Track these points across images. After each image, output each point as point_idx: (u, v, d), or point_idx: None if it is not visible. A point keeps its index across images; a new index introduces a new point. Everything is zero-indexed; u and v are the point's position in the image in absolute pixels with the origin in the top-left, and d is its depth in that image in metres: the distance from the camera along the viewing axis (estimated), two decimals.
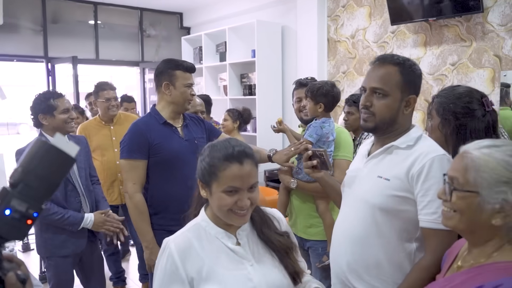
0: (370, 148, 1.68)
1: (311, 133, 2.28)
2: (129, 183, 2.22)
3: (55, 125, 2.48)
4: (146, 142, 2.21)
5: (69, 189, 2.53)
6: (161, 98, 2.33)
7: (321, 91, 2.28)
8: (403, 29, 4.00)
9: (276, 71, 5.21)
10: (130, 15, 6.49)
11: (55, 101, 2.48)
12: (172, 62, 2.30)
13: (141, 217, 2.23)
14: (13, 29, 5.48)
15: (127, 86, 11.44)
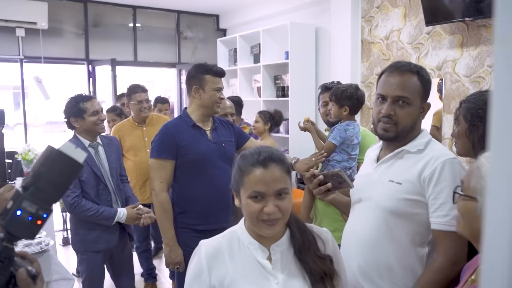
0: (379, 153, 1.69)
1: (334, 135, 2.28)
2: (156, 182, 2.32)
3: (85, 127, 2.61)
4: (175, 143, 2.30)
5: (100, 188, 2.65)
6: (191, 101, 2.42)
7: (345, 94, 2.28)
8: (439, 29, 3.89)
9: (310, 73, 5.19)
10: (168, 18, 6.64)
11: (84, 104, 2.60)
12: (202, 67, 2.39)
13: (165, 214, 2.32)
14: (57, 33, 5.73)
15: (166, 86, 11.70)
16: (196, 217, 2.35)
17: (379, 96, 1.59)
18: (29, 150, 4.42)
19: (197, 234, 2.35)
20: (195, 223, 2.37)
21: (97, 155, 2.71)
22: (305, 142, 5.16)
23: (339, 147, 2.31)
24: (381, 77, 1.62)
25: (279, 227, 1.26)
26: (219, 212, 2.41)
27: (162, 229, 2.34)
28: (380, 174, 1.60)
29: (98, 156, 2.71)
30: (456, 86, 3.80)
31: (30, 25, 5.31)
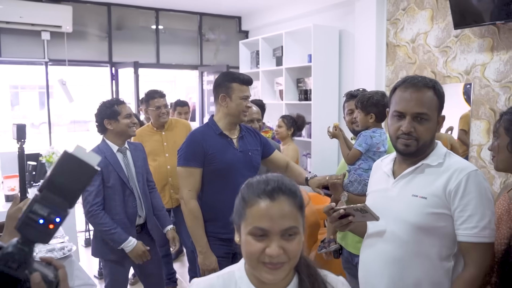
0: (393, 167, 1.67)
1: (360, 142, 2.23)
2: (185, 190, 2.32)
3: (119, 129, 2.67)
4: (202, 151, 2.29)
5: (126, 194, 2.67)
6: (218, 109, 2.41)
7: (371, 101, 2.23)
8: (468, 33, 3.77)
9: (333, 76, 5.12)
10: (190, 20, 6.64)
11: (118, 107, 2.66)
12: (230, 75, 2.38)
13: (196, 222, 2.31)
14: (81, 36, 5.79)
15: (188, 87, 11.76)
16: (221, 226, 2.34)
17: (396, 112, 1.57)
18: (53, 153, 4.48)
19: (222, 242, 2.37)
20: (220, 231, 2.35)
21: (125, 160, 2.73)
22: (328, 146, 5.10)
23: (365, 155, 2.25)
24: (396, 93, 1.60)
25: (284, 272, 1.06)
26: None
27: (194, 237, 2.33)
28: (400, 189, 1.59)
29: (127, 161, 2.74)
30: (486, 91, 3.67)
31: (55, 28, 5.39)
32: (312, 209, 3.17)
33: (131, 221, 2.71)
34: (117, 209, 2.64)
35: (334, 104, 5.16)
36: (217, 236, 2.36)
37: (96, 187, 2.58)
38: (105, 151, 2.64)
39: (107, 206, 2.63)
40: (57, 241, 2.81)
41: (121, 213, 2.65)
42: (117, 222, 2.62)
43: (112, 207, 2.64)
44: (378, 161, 1.82)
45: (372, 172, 1.83)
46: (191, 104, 7.94)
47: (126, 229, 2.65)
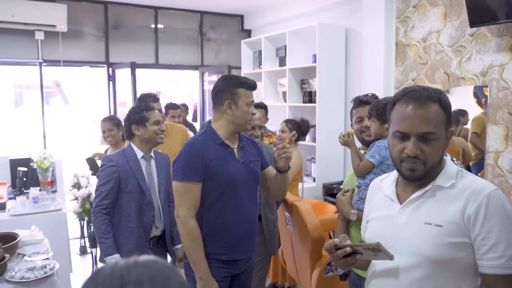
0: (397, 190, 1.43)
1: (373, 153, 1.98)
2: (182, 208, 2.06)
3: (146, 136, 2.63)
4: (203, 163, 2.04)
5: (144, 203, 2.60)
6: (219, 116, 2.15)
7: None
8: (485, 31, 3.52)
9: (339, 77, 4.87)
10: (191, 19, 6.43)
11: (147, 113, 2.63)
12: (235, 79, 2.14)
13: (195, 245, 2.06)
14: (77, 36, 5.60)
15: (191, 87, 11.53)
16: (221, 246, 2.12)
17: (399, 133, 1.32)
18: (45, 158, 4.26)
19: (222, 264, 2.15)
20: (219, 252, 2.13)
21: (148, 168, 2.67)
22: (334, 151, 4.86)
23: (377, 168, 2.01)
24: (395, 108, 1.35)
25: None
26: (245, 240, 2.18)
27: (193, 261, 2.08)
28: (410, 216, 1.35)
29: (150, 169, 2.67)
30: (504, 94, 3.42)
31: (49, 28, 5.19)
32: (315, 222, 2.93)
33: (145, 231, 2.61)
34: (131, 216, 2.57)
35: (340, 107, 4.92)
36: (217, 258, 2.13)
37: (109, 189, 2.54)
38: (128, 155, 2.62)
39: (122, 211, 2.58)
40: (40, 258, 2.60)
41: (135, 221, 2.57)
42: (129, 230, 2.56)
43: (127, 214, 2.57)
44: (376, 180, 1.56)
45: (370, 194, 1.56)
46: (193, 104, 7.74)
47: (138, 238, 2.57)
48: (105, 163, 2.60)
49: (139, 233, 2.58)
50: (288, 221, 3.28)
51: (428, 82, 4.01)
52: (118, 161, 2.57)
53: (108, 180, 2.54)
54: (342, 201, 2.16)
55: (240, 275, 2.26)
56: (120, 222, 2.57)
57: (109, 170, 2.55)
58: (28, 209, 3.58)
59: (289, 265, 3.50)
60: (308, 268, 2.99)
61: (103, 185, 2.54)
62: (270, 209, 2.89)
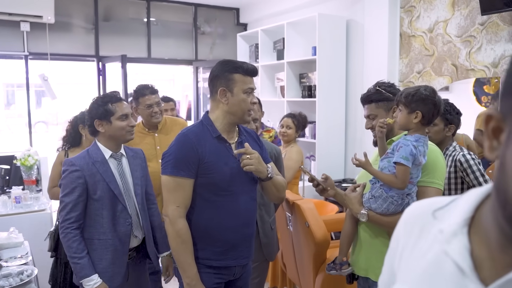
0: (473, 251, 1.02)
1: (404, 154, 1.71)
2: (171, 206, 1.86)
3: (111, 133, 2.24)
4: (196, 157, 1.84)
5: (118, 209, 2.22)
6: (215, 106, 1.95)
7: (419, 95, 1.75)
8: (496, 19, 3.32)
9: (340, 71, 4.66)
10: (184, 12, 6.20)
11: (113, 106, 2.24)
12: (230, 64, 1.91)
13: (184, 247, 1.86)
14: (65, 28, 5.36)
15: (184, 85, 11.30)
16: (213, 251, 1.91)
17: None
18: (29, 155, 4.01)
19: (213, 270, 1.94)
20: (211, 257, 1.92)
21: (119, 168, 2.29)
22: (334, 148, 4.66)
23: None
24: None
25: None
26: (241, 245, 1.96)
27: (181, 266, 1.87)
28: None
29: (122, 169, 2.30)
30: None
31: (35, 19, 4.94)
32: (319, 222, 2.71)
33: (123, 242, 2.24)
34: (104, 227, 2.18)
35: (341, 102, 4.71)
36: (208, 263, 1.92)
37: (75, 198, 2.13)
38: (94, 156, 2.22)
39: (92, 222, 2.18)
40: (17, 263, 2.37)
41: (109, 233, 2.19)
42: (103, 243, 2.18)
43: (99, 225, 2.18)
44: (424, 206, 0.74)
45: (404, 231, 0.76)
46: (187, 102, 7.52)
47: (114, 252, 2.20)
48: (67, 168, 2.18)
49: (115, 246, 2.23)
50: (289, 222, 3.06)
51: (435, 74, 3.81)
52: (82, 164, 2.17)
53: (73, 189, 2.14)
54: (351, 198, 1.95)
55: (235, 281, 2.05)
56: (91, 235, 2.19)
57: (72, 176, 2.15)
58: (10, 209, 3.37)
59: (289, 269, 3.28)
60: (312, 272, 2.77)
61: (68, 195, 2.14)
62: (267, 210, 2.64)
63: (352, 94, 4.67)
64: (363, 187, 1.95)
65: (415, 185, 1.79)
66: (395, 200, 1.78)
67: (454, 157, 2.45)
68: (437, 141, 2.56)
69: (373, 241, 1.94)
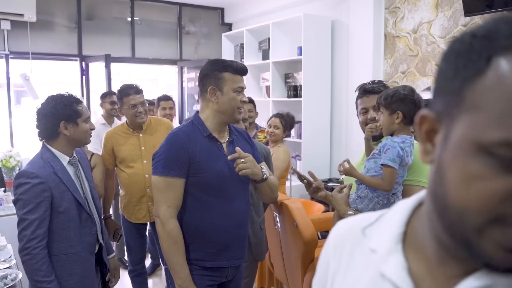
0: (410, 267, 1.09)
1: (391, 156, 1.71)
2: (162, 206, 1.84)
3: (76, 136, 2.09)
4: (187, 157, 1.83)
5: (83, 219, 2.08)
6: (205, 105, 1.94)
7: (398, 96, 1.76)
8: (479, 21, 3.38)
9: (325, 71, 4.68)
10: (169, 11, 6.17)
11: (79, 107, 2.10)
12: (220, 63, 1.91)
13: (175, 248, 1.84)
14: (47, 27, 5.28)
15: (168, 85, 11.22)
16: (206, 251, 1.90)
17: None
18: (11, 156, 3.94)
19: (206, 272, 1.93)
20: (203, 258, 1.91)
21: (79, 174, 2.14)
22: (320, 148, 4.68)
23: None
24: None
25: None
26: (234, 246, 1.95)
27: (173, 267, 1.85)
28: None
29: (81, 175, 2.15)
30: None
31: (16, 17, 4.83)
32: (307, 221, 2.72)
33: (91, 252, 2.14)
34: (72, 241, 2.03)
35: (326, 101, 4.73)
36: (200, 264, 1.91)
37: (41, 214, 1.92)
38: (53, 164, 2.02)
39: (57, 237, 2.00)
40: (1, 267, 2.32)
41: (77, 245, 2.05)
42: (71, 257, 2.04)
43: (65, 239, 2.02)
44: (349, 223, 0.70)
45: (333, 253, 0.69)
46: None
47: (84, 264, 2.08)
48: (28, 181, 1.93)
49: (85, 258, 2.10)
50: (277, 221, 3.06)
51: (419, 75, 3.86)
52: (45, 175, 1.95)
53: (38, 204, 1.91)
54: (338, 199, 1.93)
55: (228, 283, 2.04)
56: (57, 251, 2.00)
57: (36, 190, 1.91)
58: None
59: (277, 269, 3.28)
60: (300, 272, 2.78)
61: (33, 212, 1.90)
62: (256, 210, 2.64)
63: (337, 94, 4.70)
64: (350, 188, 1.94)
65: (400, 185, 1.79)
66: (381, 200, 1.78)
67: None
68: None
69: None
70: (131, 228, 3.10)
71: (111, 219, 3.02)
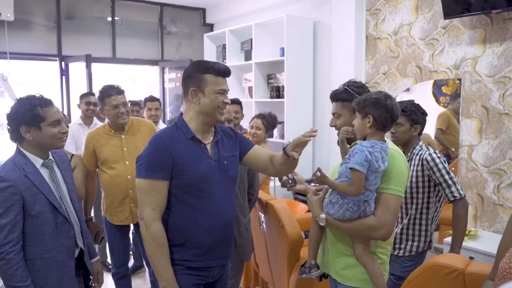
0: None
1: (358, 160, 1.68)
2: (146, 209, 1.83)
3: (40, 140, 2.01)
4: (170, 159, 1.83)
5: (59, 222, 2.03)
6: (188, 107, 1.93)
7: (370, 100, 1.74)
8: (457, 23, 3.46)
9: (307, 72, 4.72)
10: (150, 11, 6.12)
11: (44, 110, 1.98)
12: (202, 64, 1.90)
13: (160, 250, 1.83)
14: (25, 26, 5.18)
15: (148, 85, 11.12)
16: (193, 253, 1.89)
17: None
18: None
19: (192, 271, 1.92)
20: (190, 258, 1.90)
21: (54, 177, 2.08)
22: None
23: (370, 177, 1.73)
24: None
25: None
26: (221, 245, 1.96)
27: (157, 269, 1.85)
28: None
29: (56, 178, 2.09)
30: (477, 87, 3.37)
31: None
32: (292, 221, 2.75)
33: (69, 256, 2.08)
34: (46, 245, 1.98)
35: (309, 102, 4.77)
36: (187, 265, 1.91)
37: (13, 218, 1.88)
38: (24, 167, 1.96)
39: (31, 241, 1.96)
40: None
41: (53, 249, 2.01)
42: (46, 262, 1.99)
43: (40, 243, 1.97)
44: None
45: None
46: None
47: (61, 269, 2.03)
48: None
49: (62, 262, 2.05)
50: (262, 222, 3.08)
51: (400, 76, 3.93)
52: (14, 178, 1.90)
53: (8, 208, 1.88)
54: (312, 202, 1.94)
55: (214, 283, 2.04)
56: (32, 255, 1.96)
57: (5, 194, 1.88)
58: None
59: (262, 269, 3.30)
60: (285, 271, 2.80)
61: (3, 216, 1.87)
62: (242, 211, 2.65)
63: (319, 95, 4.75)
64: (325, 191, 1.93)
65: (373, 192, 1.76)
66: (350, 207, 1.76)
67: (420, 156, 2.52)
68: (403, 140, 2.64)
69: (337, 243, 1.92)
70: (114, 230, 3.06)
71: (93, 221, 2.99)
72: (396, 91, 3.95)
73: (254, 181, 2.72)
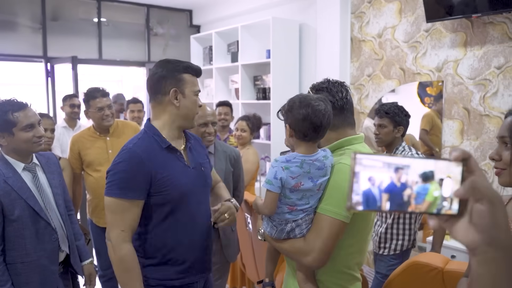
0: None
1: (268, 178, 1.46)
2: (116, 230, 1.64)
3: (15, 145, 1.98)
4: (148, 176, 1.65)
5: (41, 227, 1.99)
6: (162, 110, 1.74)
7: (287, 107, 1.49)
8: (439, 27, 3.53)
9: (293, 74, 4.77)
10: (136, 12, 6.11)
11: (15, 115, 1.94)
12: (179, 64, 1.75)
13: (129, 276, 1.66)
14: (10, 27, 5.13)
15: (135, 86, 11.06)
16: (175, 270, 1.76)
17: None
18: None
19: None
20: (172, 277, 1.77)
21: (36, 181, 2.05)
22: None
23: (284, 196, 1.47)
24: None
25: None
26: (202, 259, 1.85)
27: None
28: None
29: (39, 182, 2.06)
30: (459, 89, 3.44)
31: None
32: None
33: (51, 261, 2.05)
34: (27, 249, 1.95)
35: None
36: (169, 284, 1.76)
37: None
38: (4, 171, 1.94)
39: (12, 245, 1.93)
40: None
41: (33, 254, 1.97)
42: (27, 266, 1.96)
43: (20, 247, 1.94)
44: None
45: None
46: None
47: (42, 272, 2.00)
48: None
49: (43, 266, 2.01)
50: (248, 223, 3.11)
51: (384, 78, 3.99)
52: None
53: None
54: (258, 215, 1.81)
55: None
56: (13, 259, 1.93)
57: None
58: None
59: (249, 269, 3.32)
60: None
61: None
62: None
63: None
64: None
65: (305, 212, 1.47)
66: (274, 226, 1.51)
67: None
68: (387, 142, 2.70)
69: (287, 259, 1.73)
70: (100, 233, 3.06)
71: (79, 224, 2.99)
72: (381, 93, 4.01)
73: (239, 182, 2.73)
